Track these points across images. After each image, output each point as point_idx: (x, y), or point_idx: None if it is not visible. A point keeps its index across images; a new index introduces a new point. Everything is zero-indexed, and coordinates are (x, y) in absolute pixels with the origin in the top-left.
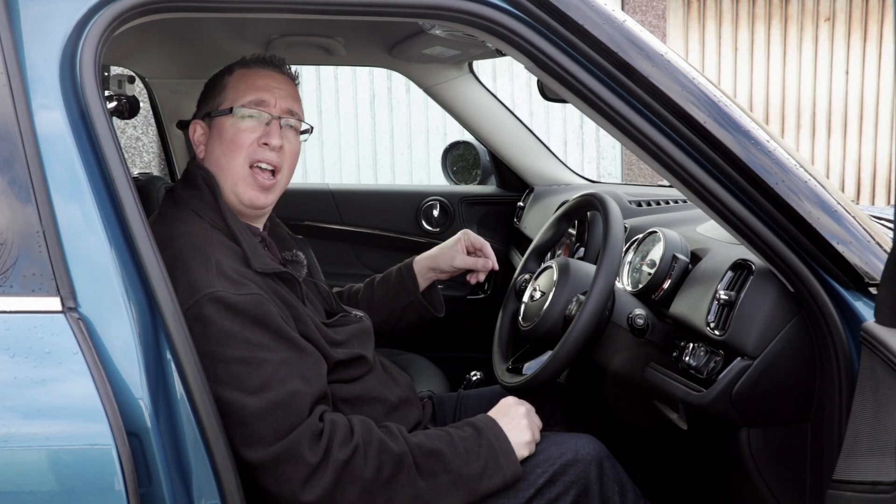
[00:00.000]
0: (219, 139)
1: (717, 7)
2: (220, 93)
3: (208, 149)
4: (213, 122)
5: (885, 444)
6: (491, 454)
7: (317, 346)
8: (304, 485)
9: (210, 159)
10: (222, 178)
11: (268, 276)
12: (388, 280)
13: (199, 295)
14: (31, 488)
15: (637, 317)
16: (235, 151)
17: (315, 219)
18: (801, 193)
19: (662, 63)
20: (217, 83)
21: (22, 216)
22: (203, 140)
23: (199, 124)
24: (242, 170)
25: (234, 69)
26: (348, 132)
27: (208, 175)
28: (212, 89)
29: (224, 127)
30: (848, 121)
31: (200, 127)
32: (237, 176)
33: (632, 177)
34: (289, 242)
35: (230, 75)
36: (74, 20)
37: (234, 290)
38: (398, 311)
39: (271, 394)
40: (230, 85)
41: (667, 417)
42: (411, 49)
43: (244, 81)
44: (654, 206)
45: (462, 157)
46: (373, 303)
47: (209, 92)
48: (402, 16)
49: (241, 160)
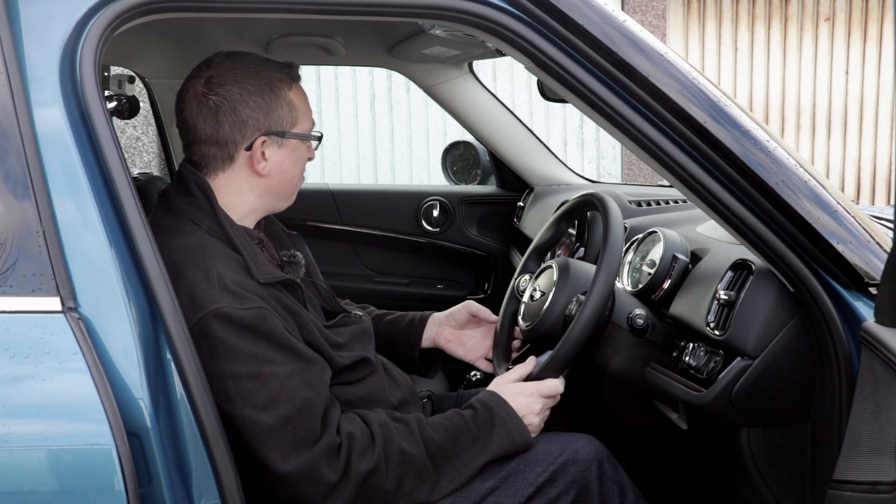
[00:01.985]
0: (293, 161)
1: (717, 7)
2: (288, 110)
3: (275, 166)
4: (284, 140)
5: (885, 444)
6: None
7: (322, 353)
8: (325, 500)
9: (275, 176)
10: (282, 191)
11: (270, 285)
12: (397, 324)
13: (204, 312)
14: (31, 488)
15: (637, 317)
16: (303, 170)
17: (315, 219)
18: (800, 193)
19: (662, 63)
20: (279, 97)
21: (22, 216)
22: (262, 155)
23: (265, 140)
24: (300, 183)
25: (291, 84)
26: (348, 132)
27: (202, 181)
28: (275, 103)
29: (299, 148)
30: (848, 121)
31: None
32: (297, 189)
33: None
34: (285, 241)
35: (290, 90)
36: (74, 20)
37: (238, 305)
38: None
39: (281, 409)
40: (297, 105)
41: (667, 417)
42: (411, 49)
43: (304, 102)
44: (654, 206)
45: (462, 157)
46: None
47: (271, 105)
48: (402, 16)
49: (302, 177)
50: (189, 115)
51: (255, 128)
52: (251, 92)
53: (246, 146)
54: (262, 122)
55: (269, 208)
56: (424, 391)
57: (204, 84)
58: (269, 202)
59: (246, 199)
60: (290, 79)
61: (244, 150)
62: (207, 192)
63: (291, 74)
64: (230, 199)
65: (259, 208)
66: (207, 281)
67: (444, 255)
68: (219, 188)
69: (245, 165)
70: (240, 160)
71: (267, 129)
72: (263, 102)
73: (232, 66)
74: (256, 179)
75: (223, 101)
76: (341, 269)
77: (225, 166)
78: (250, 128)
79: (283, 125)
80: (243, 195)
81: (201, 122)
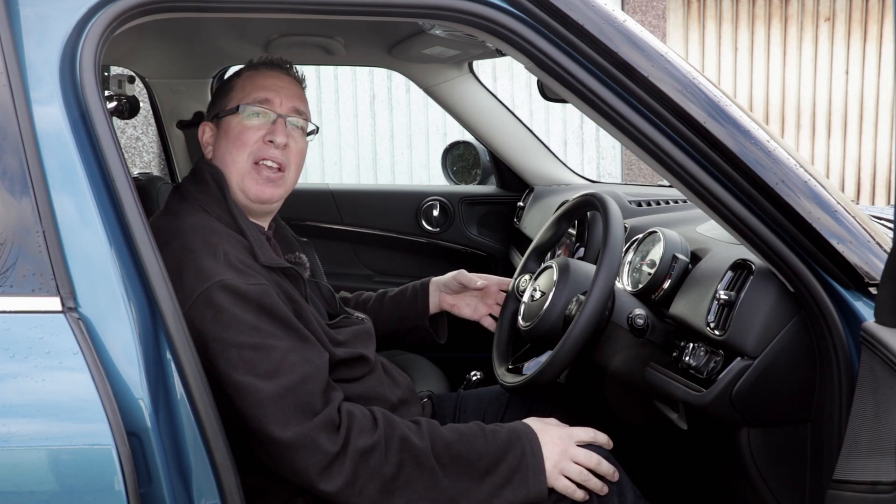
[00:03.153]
0: (225, 137)
1: (717, 7)
2: (227, 94)
3: (216, 148)
4: (220, 122)
5: (885, 444)
6: (521, 467)
7: (319, 342)
8: (322, 473)
9: (217, 158)
10: (230, 175)
11: (273, 271)
12: (401, 298)
13: (210, 282)
14: (31, 488)
15: (637, 317)
16: (241, 148)
17: (315, 219)
18: (800, 193)
19: (662, 63)
20: (225, 86)
21: (22, 216)
22: (211, 140)
23: (207, 126)
24: (247, 165)
25: (241, 72)
26: (348, 132)
27: (216, 171)
28: (220, 91)
29: (231, 125)
30: (848, 121)
31: (209, 128)
32: (243, 172)
33: (632, 177)
34: (293, 245)
35: (238, 78)
36: (74, 20)
37: (242, 280)
38: (402, 331)
39: (283, 379)
40: (237, 86)
41: (667, 417)
42: (411, 49)
43: (251, 82)
44: (654, 206)
45: (462, 157)
46: (381, 316)
47: (218, 94)
48: (402, 16)
49: (247, 157)
50: None
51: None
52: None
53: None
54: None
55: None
56: (424, 391)
57: None
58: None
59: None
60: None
61: None
62: (220, 181)
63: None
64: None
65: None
66: (214, 256)
67: (444, 255)
68: None
69: None
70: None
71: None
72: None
73: None
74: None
75: None
76: (341, 269)
77: None
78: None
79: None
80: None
81: None
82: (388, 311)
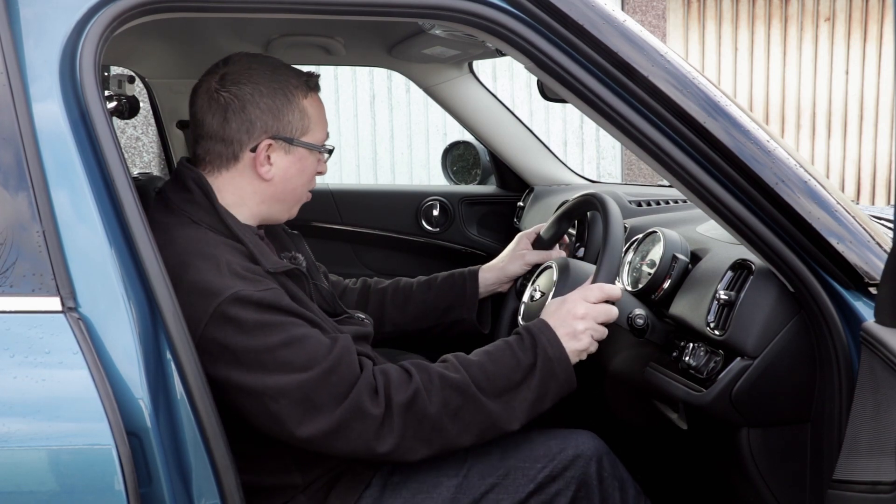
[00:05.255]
0: (299, 170)
1: (717, 7)
2: (300, 118)
3: (280, 172)
4: (291, 147)
5: (885, 444)
6: (546, 364)
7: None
8: (376, 437)
9: (279, 182)
10: (285, 201)
11: (278, 275)
12: (437, 288)
13: (222, 298)
14: (31, 488)
15: (637, 317)
16: (308, 183)
17: (315, 219)
18: (800, 192)
19: (662, 63)
20: (292, 102)
21: (21, 216)
22: (267, 159)
23: (272, 143)
24: (305, 196)
25: (307, 92)
26: (348, 132)
27: (199, 177)
28: (286, 108)
29: (306, 158)
30: (848, 121)
31: (275, 147)
32: (300, 201)
33: (632, 177)
34: (286, 242)
35: (305, 99)
36: (74, 20)
37: (253, 288)
38: (446, 323)
39: (323, 363)
40: (310, 114)
41: (667, 417)
42: (411, 49)
43: (319, 113)
44: (654, 206)
45: (462, 157)
46: (409, 307)
47: (282, 109)
48: (402, 16)
49: (307, 189)
50: (199, 109)
51: (262, 129)
52: (263, 93)
53: (251, 147)
54: (271, 125)
55: (269, 216)
56: None
57: (218, 80)
58: (270, 209)
59: (248, 201)
60: (306, 87)
61: (249, 151)
62: (205, 188)
63: (309, 83)
64: (231, 200)
65: (259, 214)
66: (217, 269)
67: (444, 255)
68: (220, 187)
69: (249, 167)
70: (244, 161)
71: (275, 132)
72: (274, 105)
73: (248, 66)
74: (259, 183)
75: (234, 99)
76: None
77: (229, 165)
78: (258, 129)
79: (293, 132)
80: (245, 197)
81: (210, 117)
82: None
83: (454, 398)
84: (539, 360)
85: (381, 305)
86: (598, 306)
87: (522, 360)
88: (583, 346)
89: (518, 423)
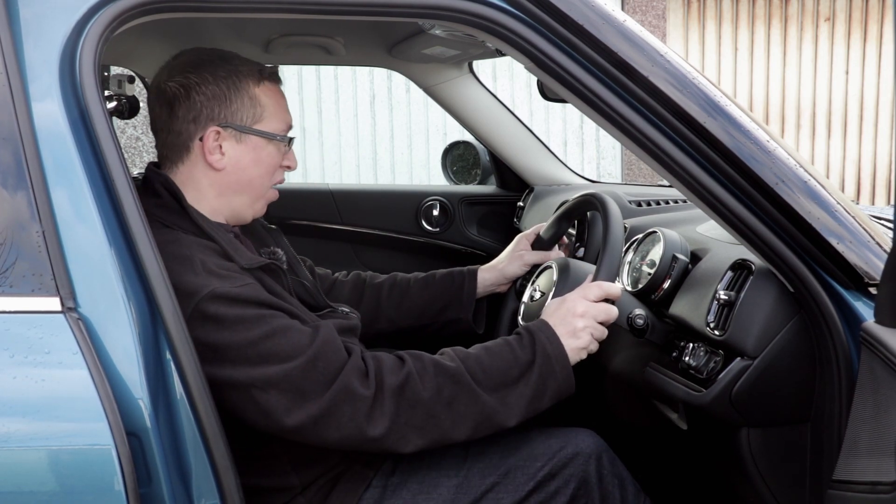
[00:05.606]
0: (254, 160)
1: (717, 7)
2: (251, 105)
3: (232, 161)
4: (243, 136)
5: (885, 444)
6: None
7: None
8: (367, 419)
9: (232, 172)
10: (243, 194)
11: (254, 271)
12: (434, 287)
13: (198, 297)
14: (31, 488)
15: (637, 317)
16: (267, 175)
17: (315, 219)
18: (800, 192)
19: (662, 63)
20: (241, 89)
21: (21, 216)
22: (217, 148)
23: (219, 132)
24: (267, 189)
25: (259, 80)
26: (348, 132)
27: (166, 180)
28: (235, 95)
29: (261, 148)
30: (848, 121)
31: (223, 136)
32: (262, 195)
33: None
34: (263, 237)
35: (258, 87)
36: (74, 20)
37: (230, 285)
38: (441, 322)
39: (308, 351)
40: (264, 102)
41: (667, 417)
42: (411, 49)
43: (276, 102)
44: (654, 206)
45: (462, 157)
46: (405, 304)
47: (229, 96)
48: (402, 16)
49: (269, 182)
50: (151, 104)
51: (208, 117)
52: (209, 81)
53: (199, 136)
54: (217, 113)
55: (232, 211)
56: None
57: (167, 73)
58: (230, 203)
59: (206, 194)
60: (259, 75)
61: (198, 140)
62: (173, 190)
63: (263, 72)
64: (192, 196)
65: (221, 209)
66: (193, 270)
67: (444, 255)
68: (182, 182)
69: (200, 157)
70: (195, 151)
71: (222, 120)
72: (220, 92)
73: (196, 57)
74: (213, 174)
75: (179, 89)
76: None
77: (182, 157)
78: (204, 116)
79: (243, 119)
80: (203, 190)
81: (159, 109)
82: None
83: (448, 386)
84: (538, 357)
85: (376, 301)
86: (597, 305)
87: (521, 356)
88: (582, 345)
89: (515, 420)
